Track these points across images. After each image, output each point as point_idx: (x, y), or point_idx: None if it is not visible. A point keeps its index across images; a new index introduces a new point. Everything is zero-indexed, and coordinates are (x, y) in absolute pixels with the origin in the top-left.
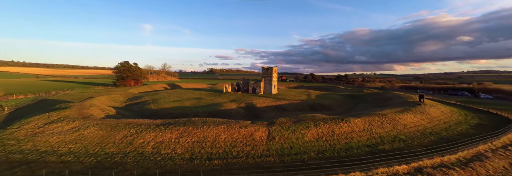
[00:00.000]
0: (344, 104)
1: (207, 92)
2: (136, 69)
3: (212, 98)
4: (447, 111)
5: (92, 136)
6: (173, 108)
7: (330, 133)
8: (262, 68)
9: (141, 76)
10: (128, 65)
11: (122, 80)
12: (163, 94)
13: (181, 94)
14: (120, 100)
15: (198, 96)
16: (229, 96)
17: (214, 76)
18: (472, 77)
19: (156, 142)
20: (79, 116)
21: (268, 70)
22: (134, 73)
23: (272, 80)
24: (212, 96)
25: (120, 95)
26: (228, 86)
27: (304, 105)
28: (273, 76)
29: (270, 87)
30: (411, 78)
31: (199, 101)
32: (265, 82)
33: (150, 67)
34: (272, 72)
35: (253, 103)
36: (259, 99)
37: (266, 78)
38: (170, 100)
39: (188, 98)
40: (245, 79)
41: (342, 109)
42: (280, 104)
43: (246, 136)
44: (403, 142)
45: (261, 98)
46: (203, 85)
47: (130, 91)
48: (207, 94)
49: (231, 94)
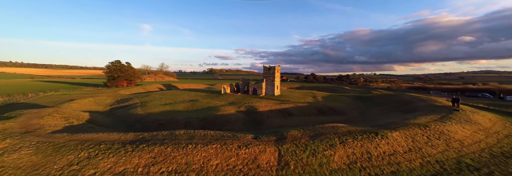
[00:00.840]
0: (356, 107)
1: (204, 94)
2: (129, 69)
3: (209, 100)
4: (495, 119)
5: (16, 165)
6: (162, 113)
7: (365, 155)
8: (264, 67)
9: (135, 76)
10: (119, 64)
11: (113, 80)
12: (155, 96)
13: (175, 96)
14: (106, 103)
15: (193, 98)
16: (227, 98)
17: (213, 76)
18: (473, 77)
19: (114, 174)
20: (21, 129)
21: (270, 69)
22: (127, 73)
23: (275, 81)
24: (208, 98)
25: (107, 97)
26: (226, 87)
27: (311, 109)
28: (276, 76)
29: (273, 88)
30: (412, 78)
31: (194, 104)
32: (267, 83)
33: (147, 67)
34: (275, 72)
35: (254, 106)
36: (261, 102)
37: (268, 78)
38: (161, 103)
39: (181, 101)
40: (245, 79)
41: (356, 113)
42: (285, 108)
43: (247, 162)
44: (477, 172)
45: (263, 100)
46: (201, 86)
47: (120, 92)
48: (203, 96)
49: (229, 95)
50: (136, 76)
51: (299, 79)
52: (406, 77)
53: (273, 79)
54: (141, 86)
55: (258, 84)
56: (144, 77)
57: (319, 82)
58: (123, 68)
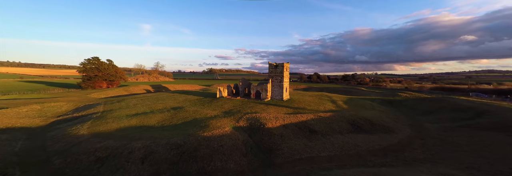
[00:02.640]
0: (398, 118)
1: (195, 98)
2: (110, 68)
3: (198, 108)
4: None
5: None
6: (117, 134)
7: None
8: (270, 65)
9: (117, 76)
10: (97, 62)
11: (89, 81)
12: (131, 102)
13: (156, 102)
14: (57, 112)
15: (178, 105)
16: (223, 105)
17: (213, 76)
18: (478, 77)
19: None
20: None
21: (278, 67)
22: (106, 72)
23: (284, 81)
24: (198, 105)
25: (66, 103)
26: (223, 88)
27: (341, 122)
28: (285, 76)
29: (281, 90)
30: (416, 78)
31: (175, 114)
32: (273, 84)
33: (141, 66)
34: (283, 70)
35: (259, 118)
36: (268, 110)
37: (275, 79)
38: (129, 113)
39: (161, 109)
40: (245, 80)
41: (407, 129)
42: (304, 121)
43: None
44: None
45: (270, 107)
46: (196, 87)
47: (91, 95)
48: (193, 101)
49: (226, 100)
50: (119, 76)
51: (302, 79)
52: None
53: (281, 80)
54: (124, 88)
55: (262, 85)
56: (137, 77)
57: (324, 82)
58: (102, 66)
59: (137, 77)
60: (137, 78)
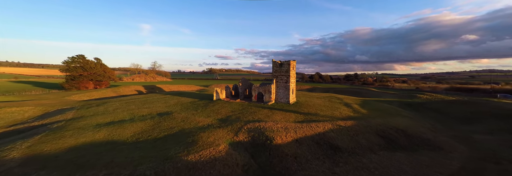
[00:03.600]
0: (434, 127)
1: (189, 100)
2: (97, 67)
3: (189, 113)
4: None
5: None
6: (64, 156)
7: None
8: (274, 63)
9: (105, 76)
10: (83, 60)
11: (73, 81)
12: (112, 105)
13: (142, 105)
14: (16, 118)
15: (167, 110)
16: (219, 109)
17: (212, 76)
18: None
19: None
20: None
21: (283, 66)
22: (93, 71)
23: (290, 82)
24: (191, 109)
25: (34, 108)
26: (221, 90)
27: (368, 133)
28: (291, 76)
29: (287, 92)
30: (418, 77)
31: (159, 123)
32: (278, 85)
33: (137, 65)
34: (290, 69)
35: (264, 130)
36: (273, 117)
37: (280, 79)
38: (102, 122)
39: (144, 115)
40: (245, 80)
41: (458, 145)
42: (321, 133)
43: None
44: None
45: (275, 113)
46: (192, 87)
47: (71, 98)
48: (185, 105)
49: (224, 104)
50: (108, 76)
51: (304, 79)
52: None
53: (287, 80)
54: (113, 89)
55: (265, 87)
56: (134, 77)
57: (327, 82)
58: (88, 65)
59: (133, 77)
60: (133, 78)
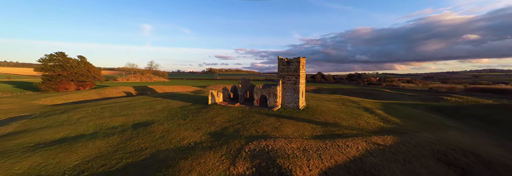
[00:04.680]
0: (498, 144)
1: (179, 105)
2: (80, 66)
3: (174, 124)
4: None
5: None
6: None
7: None
8: (280, 61)
9: (89, 76)
10: (63, 58)
11: (50, 82)
12: (79, 113)
13: (119, 112)
14: None
15: (147, 119)
16: (213, 118)
17: (212, 76)
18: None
19: None
20: None
21: (291, 64)
22: (74, 71)
23: (299, 83)
24: (178, 118)
25: None
26: (217, 92)
27: (424, 158)
28: (301, 75)
29: (296, 95)
30: (420, 77)
31: (127, 141)
32: (284, 87)
33: (133, 65)
34: (299, 68)
35: (275, 155)
36: (284, 130)
37: (288, 79)
38: (49, 139)
39: (114, 127)
40: (246, 81)
41: None
42: (357, 158)
43: None
44: None
45: (285, 123)
46: (188, 88)
47: (38, 102)
48: (173, 111)
49: (220, 110)
50: (92, 76)
51: (305, 79)
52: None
53: (297, 81)
54: (98, 91)
55: (269, 89)
56: (129, 77)
57: (330, 82)
58: (68, 64)
59: (129, 77)
60: (128, 78)
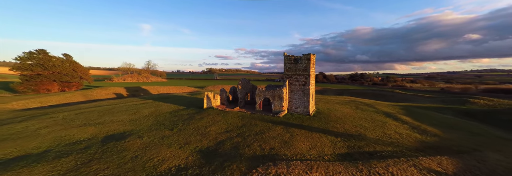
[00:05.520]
0: None
1: (169, 109)
2: (64, 65)
3: (156, 138)
4: None
5: None
6: None
7: None
8: (286, 58)
9: (76, 76)
10: (44, 57)
11: (29, 82)
12: (44, 121)
13: (93, 119)
14: None
15: (123, 130)
16: (208, 127)
17: (212, 76)
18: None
19: None
20: None
21: (300, 62)
22: (56, 70)
23: (309, 84)
24: (163, 128)
25: None
26: (214, 95)
27: None
28: (311, 74)
29: (306, 99)
30: (421, 77)
31: (80, 168)
32: (292, 88)
33: (130, 65)
34: (309, 66)
35: None
36: (296, 146)
37: (296, 79)
38: None
39: (78, 142)
40: (246, 81)
41: None
42: None
43: None
44: None
45: (296, 135)
46: (185, 89)
47: (7, 105)
48: (160, 118)
49: (216, 115)
50: (79, 76)
51: None
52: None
53: (306, 81)
54: (84, 92)
55: (274, 91)
56: (125, 77)
57: (332, 82)
58: (50, 63)
59: (125, 77)
60: (124, 78)
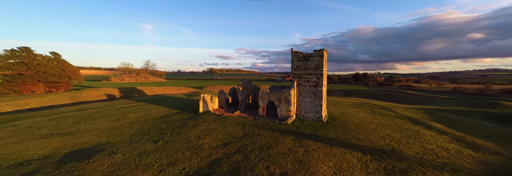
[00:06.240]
0: None
1: (160, 113)
2: (51, 64)
3: (133, 154)
4: None
5: None
6: None
7: None
8: (294, 55)
9: (63, 76)
10: (27, 54)
11: (10, 83)
12: (4, 130)
13: (66, 127)
14: None
15: (96, 142)
16: (201, 139)
17: (212, 76)
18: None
19: None
20: None
21: (311, 59)
22: (41, 70)
23: (322, 85)
24: (145, 140)
25: None
26: (211, 97)
27: None
28: (324, 74)
29: (318, 102)
30: (424, 77)
31: None
32: (301, 90)
33: (128, 65)
34: (322, 64)
35: None
36: (316, 168)
37: (305, 79)
38: None
39: (26, 162)
40: (247, 82)
41: None
42: None
43: None
44: None
45: (311, 149)
46: (182, 90)
47: None
48: (147, 125)
49: (212, 122)
50: (67, 75)
51: None
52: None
53: (318, 82)
54: (72, 93)
55: (279, 93)
56: (123, 77)
57: (335, 82)
58: (34, 62)
59: (123, 77)
60: (122, 78)
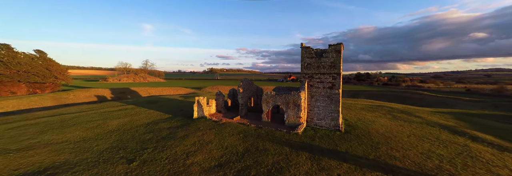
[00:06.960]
0: None
1: (147, 120)
2: (35, 63)
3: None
4: None
5: None
6: None
7: None
8: (305, 50)
9: (47, 76)
10: (6, 52)
11: None
12: None
13: (20, 141)
14: None
15: (50, 163)
16: (189, 157)
17: (213, 76)
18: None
19: None
20: None
21: (326, 55)
22: (22, 69)
23: (339, 86)
24: (117, 159)
25: None
26: (208, 100)
27: None
28: (341, 73)
29: (334, 107)
30: (428, 77)
31: None
32: (313, 93)
33: (126, 65)
34: (338, 61)
35: None
36: None
37: (318, 80)
38: None
39: None
40: (248, 82)
41: None
42: None
43: None
44: None
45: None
46: (180, 90)
47: None
48: (127, 136)
49: (207, 132)
50: (53, 75)
51: None
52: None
53: (334, 83)
54: (57, 95)
55: (286, 96)
56: (121, 77)
57: None
58: (14, 60)
59: (121, 78)
60: (120, 78)
